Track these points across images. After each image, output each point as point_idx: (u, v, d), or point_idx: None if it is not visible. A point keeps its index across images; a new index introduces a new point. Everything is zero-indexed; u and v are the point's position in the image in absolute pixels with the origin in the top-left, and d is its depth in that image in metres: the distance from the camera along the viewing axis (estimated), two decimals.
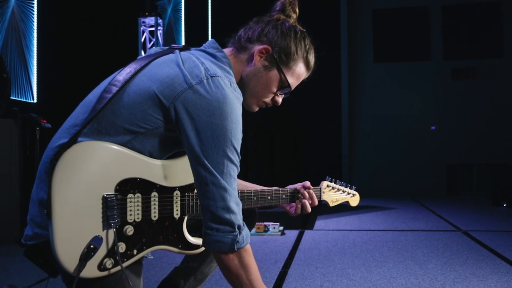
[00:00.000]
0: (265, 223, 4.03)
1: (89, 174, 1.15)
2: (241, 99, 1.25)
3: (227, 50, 1.37)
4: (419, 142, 8.20)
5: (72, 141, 1.17)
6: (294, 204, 1.66)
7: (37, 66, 5.51)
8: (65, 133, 1.23)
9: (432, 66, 8.25)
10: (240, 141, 1.22)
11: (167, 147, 1.29)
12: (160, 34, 6.90)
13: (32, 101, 5.44)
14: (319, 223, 4.72)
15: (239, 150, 1.22)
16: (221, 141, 1.17)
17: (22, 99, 5.28)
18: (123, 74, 1.28)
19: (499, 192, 6.18)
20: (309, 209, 1.64)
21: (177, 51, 1.32)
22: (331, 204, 1.82)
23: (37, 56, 5.51)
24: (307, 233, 4.08)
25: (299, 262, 2.95)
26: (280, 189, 1.62)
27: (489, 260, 2.95)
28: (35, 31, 5.49)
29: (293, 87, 1.42)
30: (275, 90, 1.38)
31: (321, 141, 8.09)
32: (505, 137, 7.85)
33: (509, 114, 7.87)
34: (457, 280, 2.50)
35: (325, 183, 1.79)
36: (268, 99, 1.40)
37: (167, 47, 1.39)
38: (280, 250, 3.32)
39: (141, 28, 6.80)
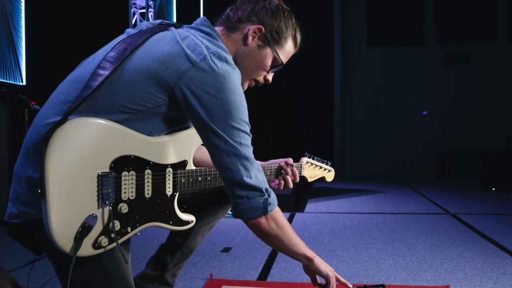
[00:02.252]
0: None
1: (83, 152, 1.14)
2: (240, 76, 1.27)
3: (218, 29, 1.37)
4: (410, 127, 8.22)
5: (66, 118, 1.14)
6: (277, 180, 1.71)
7: (25, 47, 5.42)
8: (56, 109, 1.20)
9: (425, 50, 8.23)
10: (247, 112, 1.26)
11: (166, 125, 1.29)
12: (151, 16, 6.81)
13: (20, 83, 5.36)
14: (310, 206, 4.75)
15: (248, 120, 1.26)
16: (234, 115, 1.20)
17: (10, 81, 5.21)
18: (116, 51, 1.26)
19: (489, 177, 6.24)
20: (291, 185, 1.70)
21: (172, 28, 1.31)
22: (309, 180, 1.87)
23: (26, 37, 5.42)
24: (298, 216, 4.10)
25: None
26: (265, 166, 1.66)
27: (476, 242, 2.98)
28: (23, 12, 5.39)
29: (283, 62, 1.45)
30: (267, 68, 1.41)
31: (313, 126, 8.09)
32: (496, 123, 7.89)
33: (501, 100, 7.90)
34: (445, 261, 2.53)
35: (305, 160, 1.85)
36: (260, 77, 1.44)
37: (158, 23, 1.38)
38: None
39: (132, 10, 6.70)
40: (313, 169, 1.88)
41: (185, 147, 1.36)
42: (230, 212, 4.27)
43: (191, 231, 1.65)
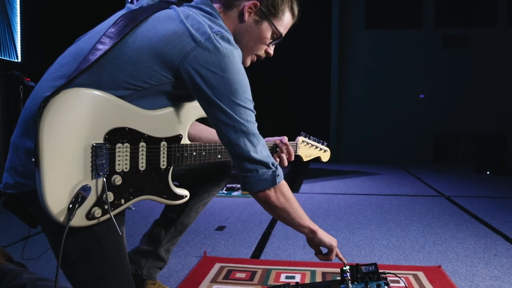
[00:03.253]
0: None
1: (78, 122, 1.13)
2: (241, 55, 1.29)
3: (215, 7, 1.36)
4: (407, 110, 8.21)
5: (61, 90, 1.14)
6: None
7: (20, 24, 5.35)
8: (57, 82, 1.19)
9: (424, 33, 8.17)
10: (250, 90, 1.29)
11: (168, 102, 1.30)
12: None
13: (16, 60, 5.31)
14: (305, 187, 4.77)
15: (251, 98, 1.30)
16: (239, 93, 1.23)
17: (5, 58, 5.15)
18: (117, 26, 1.26)
19: (483, 160, 6.27)
20: (286, 163, 1.71)
21: (174, 6, 1.32)
22: (304, 159, 1.87)
23: (21, 13, 5.35)
24: None
25: (283, 223, 2.99)
26: None
27: (469, 224, 3.01)
28: None
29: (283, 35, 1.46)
30: (268, 42, 1.43)
31: (310, 108, 8.07)
32: (493, 107, 7.88)
33: (499, 84, 7.88)
34: (437, 242, 2.56)
35: (300, 139, 1.85)
36: (261, 52, 1.45)
37: (158, 0, 1.38)
38: (265, 212, 3.30)
39: None
40: (309, 149, 1.88)
41: (180, 121, 1.36)
42: (224, 192, 4.27)
43: (185, 207, 1.66)
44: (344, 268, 1.55)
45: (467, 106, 7.98)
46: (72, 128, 1.13)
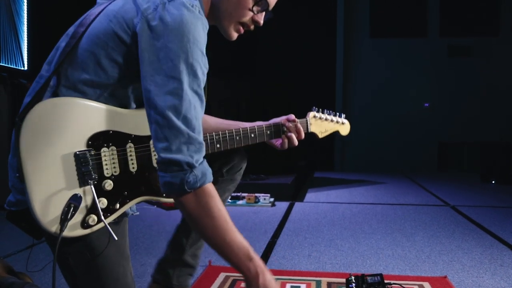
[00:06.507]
0: (256, 194, 4.05)
1: (57, 133, 1.13)
2: (205, 22, 1.15)
3: None
4: (412, 119, 8.20)
5: (36, 99, 1.13)
6: (280, 139, 1.58)
7: (27, 32, 5.40)
8: (29, 96, 1.19)
9: (429, 42, 8.19)
10: (202, 63, 1.12)
11: (141, 95, 1.23)
12: None
13: (22, 68, 5.35)
14: (310, 196, 4.76)
15: (201, 73, 1.12)
16: (176, 64, 1.07)
17: (12, 66, 5.19)
18: (83, 25, 1.22)
19: (489, 169, 6.24)
20: (296, 143, 1.56)
21: None
22: (320, 136, 1.69)
23: (28, 21, 5.40)
24: (297, 205, 4.11)
25: (288, 233, 2.98)
26: (264, 124, 1.55)
27: (474, 234, 2.99)
28: None
29: (271, 5, 1.32)
30: (250, 5, 1.27)
31: None
32: (497, 116, 7.86)
33: (503, 93, 7.87)
34: (443, 252, 2.54)
35: (311, 114, 1.67)
36: (246, 19, 1.29)
37: None
38: (270, 221, 3.34)
39: None
40: (323, 123, 1.69)
41: None
42: (229, 200, 4.23)
43: None
44: (349, 278, 1.55)
45: (472, 115, 7.96)
46: (51, 140, 1.12)
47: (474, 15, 7.96)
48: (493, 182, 6.11)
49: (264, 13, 1.31)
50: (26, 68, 5.39)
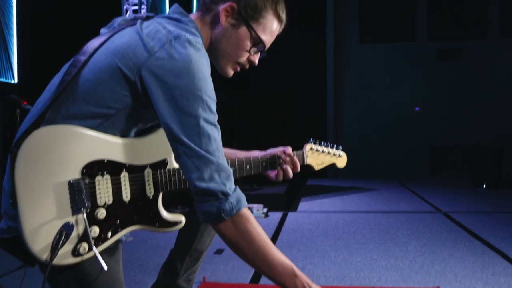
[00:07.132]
0: (249, 205, 4.02)
1: (52, 161, 1.13)
2: (207, 57, 1.20)
3: (193, 15, 1.31)
4: (403, 124, 8.25)
5: (34, 126, 1.13)
6: (275, 170, 1.59)
7: (17, 45, 5.38)
8: (28, 122, 1.19)
9: (418, 46, 8.26)
10: (214, 98, 1.17)
11: (141, 125, 1.26)
12: (143, 13, 6.78)
13: (12, 82, 5.33)
14: (303, 205, 4.77)
15: (214, 107, 1.16)
16: (192, 102, 1.12)
17: (1, 80, 5.17)
18: (84, 54, 1.22)
19: (481, 173, 6.29)
20: (291, 175, 1.57)
21: (139, 20, 1.26)
22: (316, 168, 1.71)
23: (17, 34, 5.38)
24: (291, 215, 4.12)
25: (282, 245, 2.99)
26: (260, 156, 1.56)
27: (466, 241, 3.02)
28: (14, 8, 5.34)
29: (267, 44, 1.34)
30: (248, 48, 1.30)
31: (306, 121, 8.09)
32: (489, 119, 7.92)
33: (493, 97, 7.94)
34: (435, 261, 2.56)
35: (308, 146, 1.68)
36: (243, 59, 1.32)
37: (130, 19, 1.33)
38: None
39: (125, 7, 6.66)
40: (319, 156, 1.71)
41: (163, 145, 1.26)
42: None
43: (196, 232, 1.58)
44: None
45: (463, 119, 8.02)
46: (46, 167, 1.13)
47: (462, 19, 8.04)
48: (484, 186, 6.16)
49: (260, 53, 1.36)
50: (16, 81, 5.37)
